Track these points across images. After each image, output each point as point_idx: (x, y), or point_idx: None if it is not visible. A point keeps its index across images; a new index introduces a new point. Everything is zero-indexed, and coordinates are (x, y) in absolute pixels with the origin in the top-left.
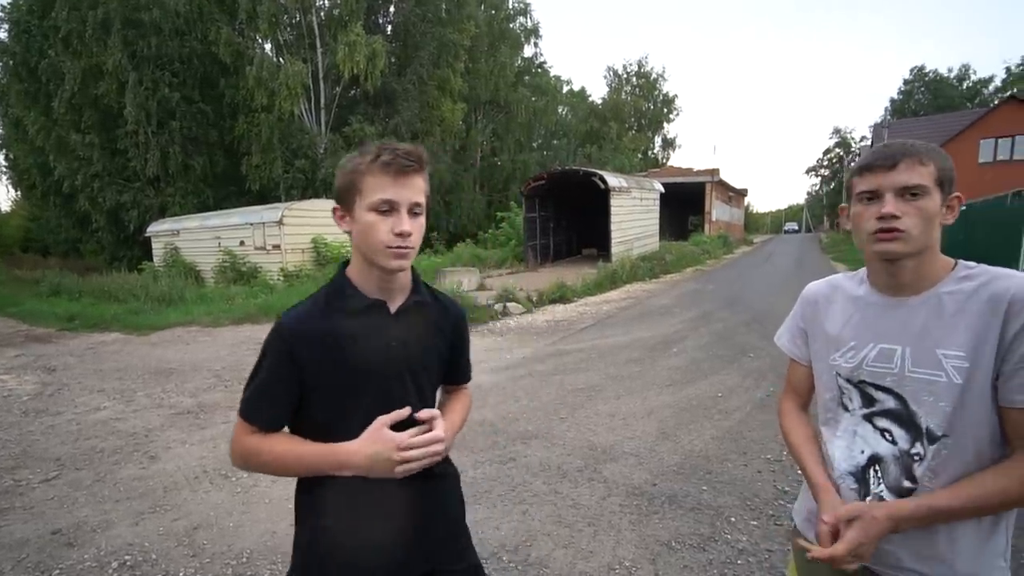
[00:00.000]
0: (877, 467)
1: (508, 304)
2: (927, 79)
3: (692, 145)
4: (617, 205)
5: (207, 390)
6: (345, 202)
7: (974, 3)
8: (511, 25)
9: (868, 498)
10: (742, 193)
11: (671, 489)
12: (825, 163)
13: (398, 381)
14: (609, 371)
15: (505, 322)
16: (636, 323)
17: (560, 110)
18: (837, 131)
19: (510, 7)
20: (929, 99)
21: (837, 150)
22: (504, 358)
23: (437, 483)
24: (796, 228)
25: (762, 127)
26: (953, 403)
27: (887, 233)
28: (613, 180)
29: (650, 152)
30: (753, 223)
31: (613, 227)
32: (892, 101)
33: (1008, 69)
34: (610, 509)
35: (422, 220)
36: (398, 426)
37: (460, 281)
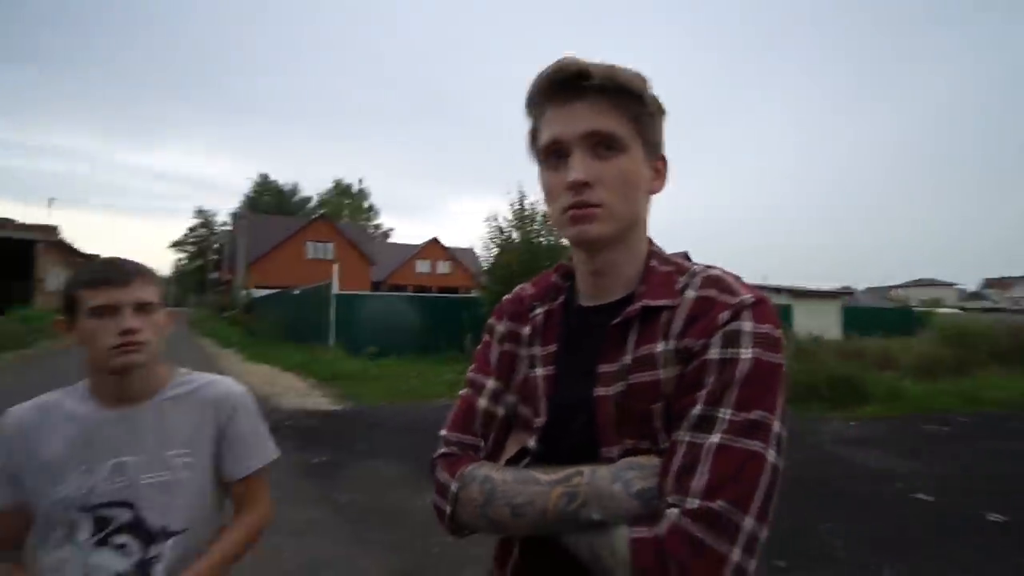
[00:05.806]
0: None
1: None
2: (271, 186)
3: (16, 190)
4: None
5: None
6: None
7: (302, 137)
8: None
9: None
10: (92, 259)
11: None
12: (192, 239)
13: None
14: None
15: None
16: None
17: None
18: (201, 212)
19: None
20: (274, 202)
21: (202, 229)
22: None
23: None
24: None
25: (107, 190)
26: (185, 497)
27: (129, 346)
28: None
29: None
30: None
31: None
32: (247, 197)
33: (319, 194)
34: None
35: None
36: None
37: None
